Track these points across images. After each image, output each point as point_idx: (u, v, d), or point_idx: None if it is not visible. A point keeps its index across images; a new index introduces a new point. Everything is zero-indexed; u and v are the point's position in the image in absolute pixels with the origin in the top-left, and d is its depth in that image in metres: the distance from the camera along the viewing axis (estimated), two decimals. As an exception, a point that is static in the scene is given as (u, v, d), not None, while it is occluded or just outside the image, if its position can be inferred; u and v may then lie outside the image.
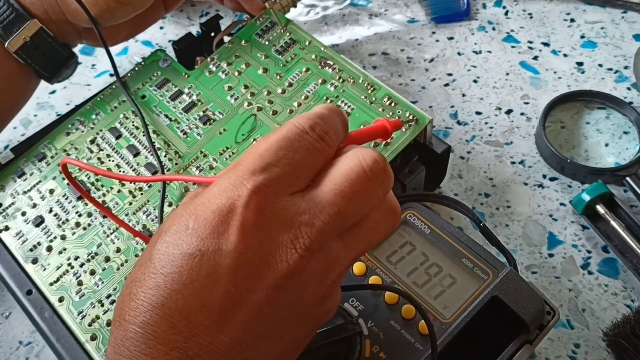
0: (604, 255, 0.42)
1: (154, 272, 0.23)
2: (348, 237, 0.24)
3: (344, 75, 0.41)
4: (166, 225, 0.24)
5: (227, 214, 0.23)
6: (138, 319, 0.23)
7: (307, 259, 0.23)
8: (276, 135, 0.24)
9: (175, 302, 0.22)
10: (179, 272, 0.22)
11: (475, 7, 0.57)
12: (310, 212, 0.23)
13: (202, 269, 0.22)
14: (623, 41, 0.54)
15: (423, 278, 0.33)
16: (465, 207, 0.36)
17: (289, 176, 0.24)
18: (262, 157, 0.24)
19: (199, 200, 0.24)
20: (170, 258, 0.23)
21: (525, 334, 0.32)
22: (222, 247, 0.22)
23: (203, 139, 0.40)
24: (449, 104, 0.51)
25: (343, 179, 0.24)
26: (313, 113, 0.25)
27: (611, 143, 0.48)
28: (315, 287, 0.24)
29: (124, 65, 0.56)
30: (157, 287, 0.23)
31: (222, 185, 0.23)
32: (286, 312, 0.24)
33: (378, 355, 0.31)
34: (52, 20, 0.41)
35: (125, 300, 0.24)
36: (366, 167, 0.24)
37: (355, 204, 0.24)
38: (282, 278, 0.23)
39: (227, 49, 0.44)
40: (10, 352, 0.41)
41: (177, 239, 0.23)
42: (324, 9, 0.59)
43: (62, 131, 0.42)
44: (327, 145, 0.25)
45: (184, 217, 0.23)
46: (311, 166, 0.24)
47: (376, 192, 0.25)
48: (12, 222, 0.39)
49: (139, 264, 0.24)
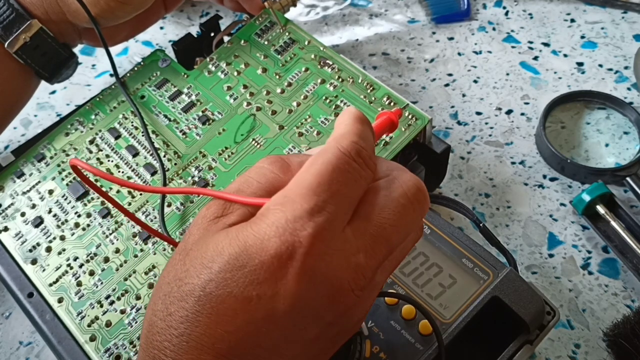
0: (604, 255, 0.42)
1: (198, 311, 0.22)
2: (386, 263, 0.24)
3: (343, 74, 0.41)
4: (207, 256, 0.22)
5: (286, 260, 0.21)
6: (183, 356, 0.22)
7: (362, 298, 0.23)
8: (324, 164, 0.22)
9: (228, 343, 0.22)
10: (232, 314, 0.21)
11: (475, 7, 0.57)
12: (363, 250, 0.23)
13: (258, 312, 0.21)
14: (623, 41, 0.54)
15: (423, 278, 0.33)
16: (465, 207, 0.36)
17: (342, 212, 0.22)
18: (317, 195, 0.22)
19: (249, 237, 0.22)
20: (219, 299, 0.22)
21: (525, 334, 0.32)
22: (280, 291, 0.21)
23: (202, 138, 0.40)
24: (449, 104, 0.51)
25: (391, 212, 0.23)
26: (354, 132, 0.24)
27: (611, 143, 0.48)
28: (360, 316, 0.25)
29: (124, 65, 0.56)
30: (206, 327, 0.22)
31: (277, 225, 0.21)
32: (330, 341, 0.24)
33: (378, 355, 0.31)
34: (52, 20, 0.41)
35: (161, 333, 0.22)
36: (411, 197, 0.24)
37: (400, 235, 0.24)
38: (337, 317, 0.23)
39: (226, 48, 0.44)
40: (10, 352, 0.41)
41: (227, 278, 0.21)
42: (324, 9, 0.59)
43: (61, 131, 0.42)
44: (371, 171, 0.24)
45: (232, 255, 0.22)
46: (358, 196, 0.23)
47: (417, 221, 0.25)
48: (11, 222, 0.39)
49: (173, 293, 0.23)
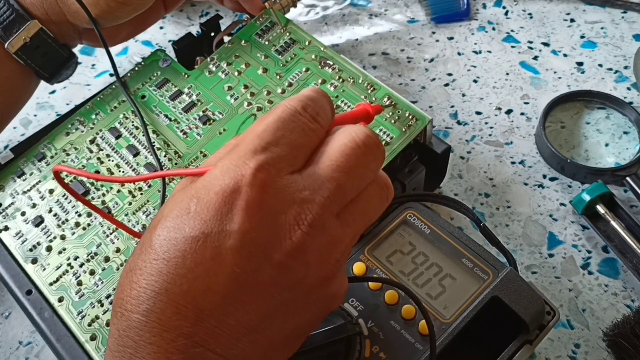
0: (604, 255, 0.42)
1: (155, 258, 0.23)
2: (345, 214, 0.25)
3: (344, 75, 0.41)
4: (165, 211, 0.24)
5: (230, 194, 0.22)
6: (141, 307, 0.22)
7: (311, 236, 0.23)
8: (271, 116, 0.25)
9: (180, 287, 0.22)
10: (182, 256, 0.22)
11: (475, 7, 0.57)
12: (310, 188, 0.23)
13: (206, 251, 0.22)
14: (623, 41, 0.54)
15: (423, 278, 0.33)
16: (465, 207, 0.36)
17: (288, 155, 0.24)
18: (261, 138, 0.24)
19: (200, 183, 0.23)
20: (172, 243, 0.22)
21: (525, 334, 0.32)
22: (226, 228, 0.22)
23: (203, 139, 0.40)
24: (449, 104, 0.51)
25: (339, 155, 0.24)
26: (303, 95, 0.26)
27: (611, 143, 0.48)
28: (319, 266, 0.24)
29: (124, 65, 0.56)
30: (159, 273, 0.22)
31: (223, 166, 0.23)
32: (291, 292, 0.23)
33: (378, 356, 0.31)
34: (52, 21, 0.41)
35: (124, 289, 0.23)
36: (359, 142, 0.25)
37: (352, 178, 0.24)
38: (287, 256, 0.23)
39: (227, 49, 0.44)
40: (10, 352, 0.41)
41: (178, 223, 0.23)
42: (324, 9, 0.59)
43: (62, 131, 0.42)
44: (320, 125, 0.25)
45: (184, 201, 0.23)
46: (307, 145, 0.25)
47: (371, 166, 0.25)
48: (11, 222, 0.39)
49: (137, 252, 0.24)
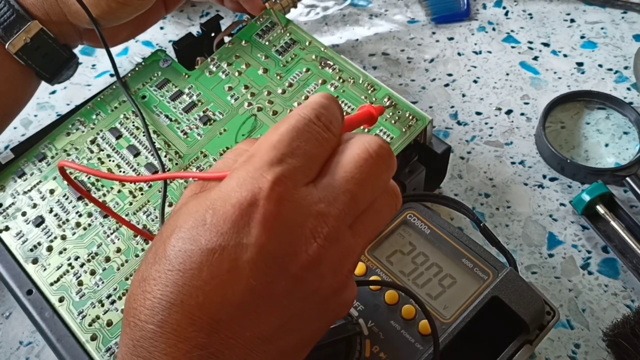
0: (603, 255, 0.42)
1: (169, 269, 0.22)
2: (358, 225, 0.25)
3: (344, 75, 0.41)
4: (179, 220, 0.23)
5: (247, 207, 0.22)
6: (156, 317, 0.22)
7: (326, 248, 0.23)
8: (285, 126, 0.24)
9: (195, 299, 0.22)
10: (198, 268, 0.22)
11: (475, 7, 0.57)
12: (325, 200, 0.23)
13: (222, 264, 0.22)
14: (623, 41, 0.54)
15: (423, 278, 0.33)
16: (465, 207, 0.36)
17: (303, 166, 0.24)
18: (277, 148, 0.23)
19: (215, 194, 0.23)
20: (187, 254, 0.22)
21: (525, 334, 0.32)
22: (243, 241, 0.22)
23: (203, 139, 0.40)
24: (449, 104, 0.51)
25: (352, 166, 0.24)
26: (315, 102, 0.26)
27: (611, 143, 0.48)
28: (332, 277, 0.24)
29: (124, 65, 0.56)
30: (174, 284, 0.22)
31: (240, 177, 0.23)
32: (304, 303, 0.24)
33: (378, 355, 0.31)
34: (53, 21, 0.41)
35: (137, 299, 0.23)
36: (372, 153, 0.25)
37: (365, 189, 0.24)
38: (302, 269, 0.23)
39: (227, 49, 0.44)
40: (10, 352, 0.41)
41: (194, 234, 0.22)
42: (324, 9, 0.59)
43: (62, 131, 0.42)
44: (332, 134, 0.25)
45: (199, 212, 0.23)
46: (321, 155, 0.25)
47: (383, 176, 0.25)
48: (12, 222, 0.39)
49: (149, 261, 0.24)
